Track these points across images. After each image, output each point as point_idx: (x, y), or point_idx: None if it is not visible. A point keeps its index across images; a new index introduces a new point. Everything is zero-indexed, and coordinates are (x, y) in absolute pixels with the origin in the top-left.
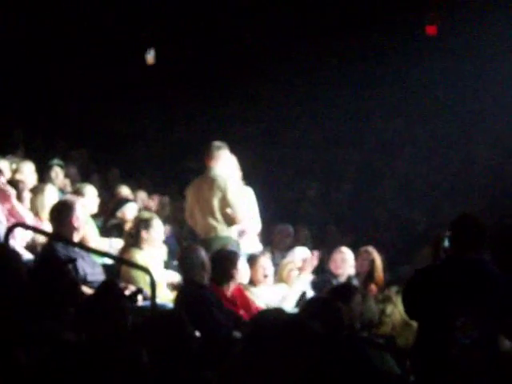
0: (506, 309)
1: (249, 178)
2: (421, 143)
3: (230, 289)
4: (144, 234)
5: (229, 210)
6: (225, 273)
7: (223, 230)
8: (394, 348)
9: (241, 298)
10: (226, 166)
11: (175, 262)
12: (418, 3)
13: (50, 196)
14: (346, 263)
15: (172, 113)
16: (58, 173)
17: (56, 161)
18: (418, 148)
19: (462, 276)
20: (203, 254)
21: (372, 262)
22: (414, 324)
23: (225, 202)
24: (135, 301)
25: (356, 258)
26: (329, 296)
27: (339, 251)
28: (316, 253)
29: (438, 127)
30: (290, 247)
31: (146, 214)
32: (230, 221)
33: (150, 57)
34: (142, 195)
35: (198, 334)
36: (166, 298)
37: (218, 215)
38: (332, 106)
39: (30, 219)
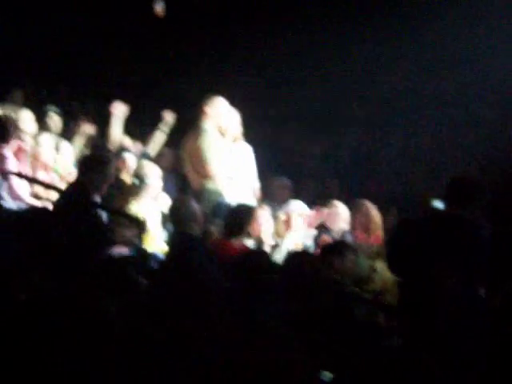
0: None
1: (251, 134)
2: (424, 100)
3: (239, 243)
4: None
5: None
6: (238, 227)
7: (210, 183)
8: (382, 304)
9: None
10: (218, 119)
11: None
12: None
13: (46, 146)
14: (339, 217)
15: (175, 65)
16: (54, 119)
17: (53, 107)
18: (421, 105)
19: (440, 229)
20: (195, 205)
21: (368, 215)
22: None
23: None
24: None
25: (352, 212)
26: (322, 252)
27: (333, 205)
28: (320, 209)
29: (442, 84)
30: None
31: (142, 163)
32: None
33: (159, 7)
34: (139, 146)
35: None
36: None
37: (198, 168)
38: (337, 61)
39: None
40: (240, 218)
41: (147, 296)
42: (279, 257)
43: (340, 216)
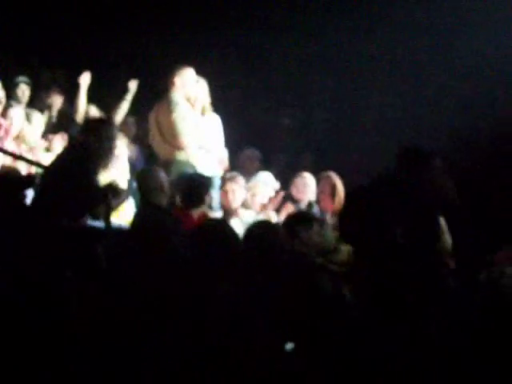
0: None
1: (220, 104)
2: (397, 70)
3: (198, 213)
4: None
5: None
6: (196, 197)
7: (180, 154)
8: (347, 275)
9: None
10: (187, 90)
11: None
12: None
13: (17, 118)
14: (307, 188)
15: (147, 35)
16: (24, 90)
17: (22, 78)
18: (394, 76)
19: (388, 193)
20: (162, 175)
21: (333, 186)
22: None
23: (171, 125)
24: None
25: (318, 183)
26: (287, 222)
27: (301, 176)
28: (281, 193)
29: (415, 53)
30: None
31: None
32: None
33: None
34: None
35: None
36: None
37: (169, 138)
38: (308, 31)
39: None
40: (197, 188)
41: (108, 268)
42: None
43: (308, 187)
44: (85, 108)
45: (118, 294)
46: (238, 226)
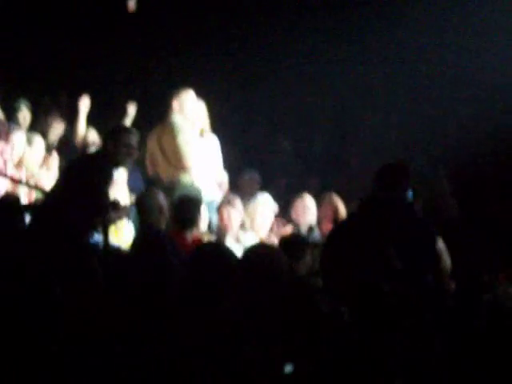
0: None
1: (220, 126)
2: (396, 95)
3: (192, 236)
4: None
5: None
6: (188, 219)
7: (184, 177)
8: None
9: None
10: (187, 111)
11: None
12: None
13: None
14: (307, 210)
15: (148, 59)
16: (25, 114)
17: (23, 102)
18: (393, 100)
19: (373, 214)
20: (161, 198)
21: (335, 209)
22: None
23: (176, 148)
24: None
25: (319, 205)
26: (282, 245)
27: (300, 198)
28: (280, 220)
29: (417, 78)
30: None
31: None
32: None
33: (132, 3)
34: None
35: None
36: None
37: (175, 161)
38: (308, 55)
39: None
40: (189, 209)
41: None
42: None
43: (308, 209)
44: (84, 132)
45: (115, 313)
46: (237, 248)
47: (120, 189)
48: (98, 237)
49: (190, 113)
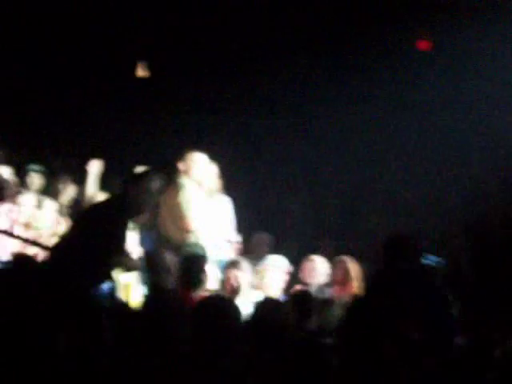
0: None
1: (232, 188)
2: (408, 155)
3: (198, 294)
4: None
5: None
6: (193, 277)
7: (190, 237)
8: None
9: None
10: (194, 172)
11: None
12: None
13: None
14: (315, 272)
15: (157, 122)
16: (33, 178)
17: (33, 166)
18: (405, 160)
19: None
20: (169, 258)
21: (346, 271)
22: None
23: (179, 209)
24: None
25: (331, 267)
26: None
27: (309, 260)
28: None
29: (429, 144)
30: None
31: None
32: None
33: (142, 69)
34: None
35: None
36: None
37: (178, 222)
38: (320, 119)
39: None
40: (193, 270)
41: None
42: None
43: (316, 271)
44: (93, 195)
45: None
46: (246, 305)
47: (130, 249)
48: (107, 286)
49: (196, 174)
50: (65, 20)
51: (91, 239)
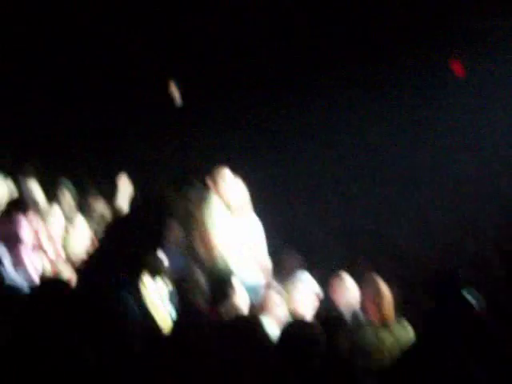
0: None
1: (262, 208)
2: (436, 178)
3: (225, 312)
4: None
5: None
6: (219, 296)
7: (217, 256)
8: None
9: None
10: (221, 190)
11: None
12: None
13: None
14: (346, 291)
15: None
16: (67, 195)
17: (66, 182)
18: (432, 182)
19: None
20: (201, 277)
21: (378, 290)
22: None
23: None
24: None
25: (362, 286)
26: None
27: (339, 279)
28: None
29: (461, 166)
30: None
31: None
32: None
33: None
34: None
35: None
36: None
37: (204, 239)
38: (350, 139)
39: None
40: (220, 287)
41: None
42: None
43: (346, 289)
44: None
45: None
46: (274, 325)
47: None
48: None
49: (223, 191)
50: (97, 43)
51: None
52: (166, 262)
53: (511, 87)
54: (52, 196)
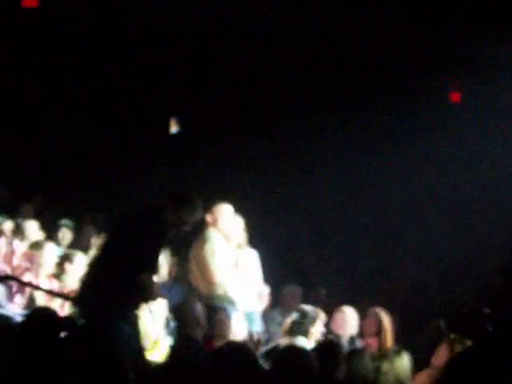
0: None
1: (263, 239)
2: (440, 207)
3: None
4: None
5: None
6: (215, 329)
7: (218, 290)
8: None
9: None
10: (222, 225)
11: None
12: (441, 70)
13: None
14: (346, 323)
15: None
16: (65, 233)
17: (65, 221)
18: (437, 212)
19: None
20: (199, 309)
21: (379, 323)
22: None
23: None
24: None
25: (364, 319)
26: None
27: (340, 311)
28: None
29: (462, 192)
30: None
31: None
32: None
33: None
34: None
35: None
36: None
37: (205, 274)
38: (349, 171)
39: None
40: (216, 321)
41: None
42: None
43: (347, 322)
44: None
45: None
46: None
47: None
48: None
49: (223, 226)
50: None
51: (124, 252)
52: (163, 294)
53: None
54: (51, 234)
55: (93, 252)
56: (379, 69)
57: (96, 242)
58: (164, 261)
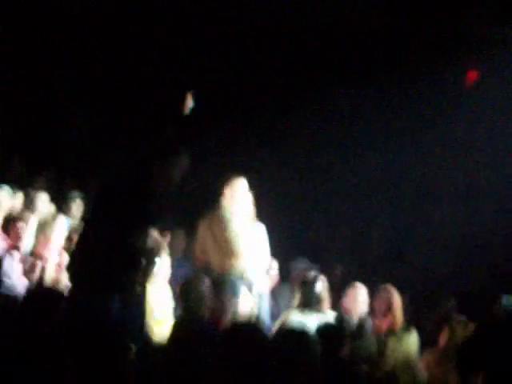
0: None
1: (276, 214)
2: (458, 194)
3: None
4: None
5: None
6: (222, 304)
7: (237, 266)
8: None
9: None
10: (239, 199)
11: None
12: (458, 50)
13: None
14: (358, 300)
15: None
16: (78, 205)
17: (76, 193)
18: (451, 195)
19: None
20: (205, 286)
21: (390, 301)
22: (416, 363)
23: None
24: None
25: (375, 296)
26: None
27: (354, 287)
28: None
29: (476, 178)
30: None
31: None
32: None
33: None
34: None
35: None
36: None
37: (226, 249)
38: (366, 153)
39: None
40: (222, 295)
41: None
42: None
43: (359, 299)
44: None
45: None
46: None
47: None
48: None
49: (241, 201)
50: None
51: (115, 214)
52: (169, 270)
53: None
54: (62, 208)
55: None
56: (395, 49)
57: None
58: (174, 237)
